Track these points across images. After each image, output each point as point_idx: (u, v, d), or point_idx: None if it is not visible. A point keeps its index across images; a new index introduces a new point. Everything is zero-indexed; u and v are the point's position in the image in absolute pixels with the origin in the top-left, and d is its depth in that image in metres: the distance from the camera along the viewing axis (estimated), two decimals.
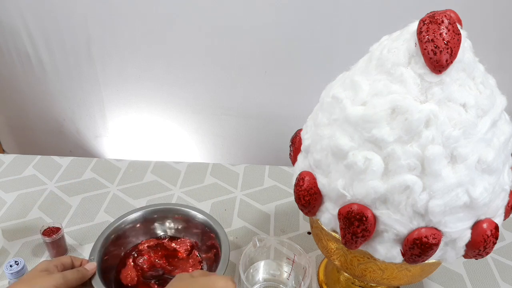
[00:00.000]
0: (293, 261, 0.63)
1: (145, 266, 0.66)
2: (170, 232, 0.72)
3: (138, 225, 0.70)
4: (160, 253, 0.68)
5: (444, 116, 0.42)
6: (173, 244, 0.70)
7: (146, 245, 0.69)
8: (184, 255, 0.69)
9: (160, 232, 0.71)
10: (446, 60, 0.41)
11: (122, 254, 0.68)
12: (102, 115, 1.24)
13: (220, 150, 1.29)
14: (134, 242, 0.70)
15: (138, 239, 0.70)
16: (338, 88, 0.50)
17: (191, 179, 0.91)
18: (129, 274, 0.65)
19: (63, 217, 0.79)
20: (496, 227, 0.46)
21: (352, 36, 0.99)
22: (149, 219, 0.71)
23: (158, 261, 0.67)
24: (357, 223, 0.45)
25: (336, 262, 0.56)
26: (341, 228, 0.47)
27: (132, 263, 0.66)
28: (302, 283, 0.59)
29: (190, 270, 0.67)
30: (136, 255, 0.68)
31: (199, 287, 0.46)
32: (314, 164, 0.50)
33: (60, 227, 0.68)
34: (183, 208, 0.71)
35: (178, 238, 0.71)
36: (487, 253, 0.47)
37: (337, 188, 0.46)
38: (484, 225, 0.45)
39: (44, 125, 1.32)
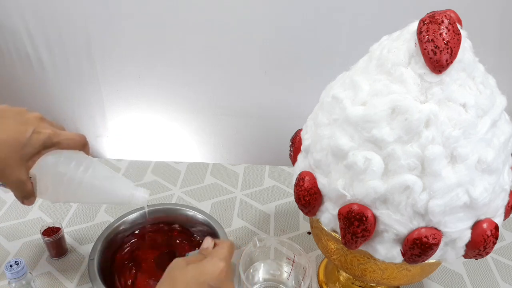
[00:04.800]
0: (293, 261, 0.63)
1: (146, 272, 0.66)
2: (170, 233, 0.72)
3: (138, 225, 0.70)
4: (161, 259, 0.68)
5: (444, 116, 0.42)
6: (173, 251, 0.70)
7: (146, 254, 0.69)
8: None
9: (160, 233, 0.71)
10: (446, 60, 0.41)
11: (122, 256, 0.68)
12: (102, 115, 1.24)
13: (220, 150, 1.29)
14: (134, 243, 0.70)
15: (138, 239, 0.70)
16: (338, 88, 0.50)
17: (191, 179, 0.91)
18: (129, 279, 0.65)
19: (63, 217, 0.79)
20: (496, 227, 0.46)
21: (352, 36, 0.99)
22: (149, 220, 0.70)
23: (159, 266, 0.67)
24: (357, 223, 0.45)
25: (336, 262, 0.56)
26: (341, 228, 0.47)
27: (133, 270, 0.66)
28: (302, 283, 0.59)
29: None
30: (137, 261, 0.68)
31: (190, 278, 0.44)
32: (314, 164, 0.50)
33: (60, 227, 0.68)
34: (183, 208, 0.71)
35: (179, 239, 0.71)
36: (487, 253, 0.47)
37: (337, 188, 0.46)
38: (484, 225, 0.45)
39: None
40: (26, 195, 0.50)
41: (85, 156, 0.52)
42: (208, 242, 0.51)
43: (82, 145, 0.52)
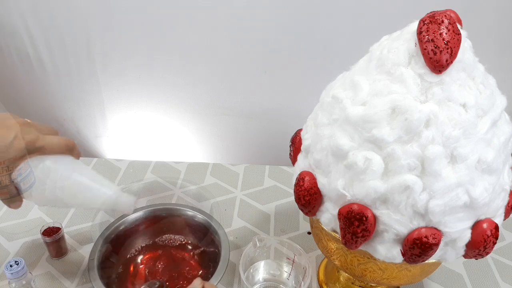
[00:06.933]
0: (293, 261, 0.63)
1: (147, 272, 0.66)
2: (170, 233, 0.72)
3: (138, 225, 0.70)
4: (161, 259, 0.68)
5: (444, 116, 0.42)
6: (173, 251, 0.70)
7: (146, 254, 0.69)
8: (185, 258, 0.69)
9: (160, 233, 0.71)
10: (446, 60, 0.41)
11: (122, 256, 0.68)
12: (102, 115, 1.24)
13: (220, 150, 1.29)
14: (134, 243, 0.70)
15: (138, 239, 0.70)
16: (338, 88, 0.50)
17: (191, 179, 0.91)
18: (131, 280, 0.65)
19: (63, 217, 0.79)
20: (496, 227, 0.46)
21: (352, 36, 0.99)
22: (149, 219, 0.71)
23: (159, 266, 0.67)
24: (357, 223, 0.45)
25: (336, 262, 0.56)
26: (341, 228, 0.47)
27: (132, 270, 0.66)
28: (302, 283, 0.59)
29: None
30: (137, 261, 0.67)
31: None
32: (314, 164, 0.50)
33: (60, 227, 0.68)
34: (183, 208, 0.71)
35: (179, 239, 0.71)
36: (487, 253, 0.47)
37: (337, 188, 0.46)
38: (484, 225, 0.45)
39: None
40: (11, 199, 0.50)
41: (71, 160, 0.51)
42: (197, 283, 0.49)
43: (68, 149, 0.51)
